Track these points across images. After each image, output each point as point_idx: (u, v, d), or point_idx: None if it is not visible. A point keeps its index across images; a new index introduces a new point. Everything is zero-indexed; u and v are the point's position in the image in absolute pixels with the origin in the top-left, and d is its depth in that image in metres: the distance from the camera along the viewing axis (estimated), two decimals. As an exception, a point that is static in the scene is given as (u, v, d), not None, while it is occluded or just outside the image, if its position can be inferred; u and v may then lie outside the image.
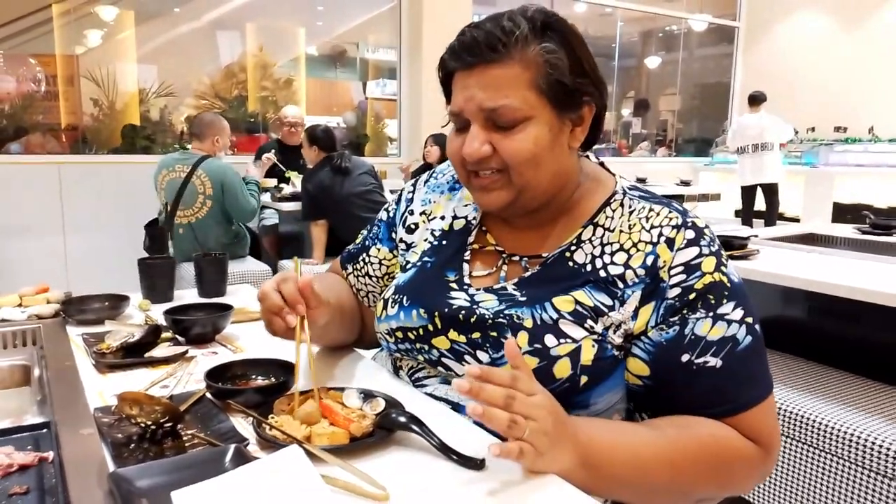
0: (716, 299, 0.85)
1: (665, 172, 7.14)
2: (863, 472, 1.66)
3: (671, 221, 0.88)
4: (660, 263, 0.86)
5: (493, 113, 0.85)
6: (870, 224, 2.86)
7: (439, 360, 0.95)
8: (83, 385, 1.01)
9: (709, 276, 0.86)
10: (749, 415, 0.84)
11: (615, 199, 0.94)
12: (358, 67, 7.42)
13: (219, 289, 1.60)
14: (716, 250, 0.88)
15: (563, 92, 0.86)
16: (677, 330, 0.85)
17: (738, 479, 0.86)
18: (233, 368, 1.00)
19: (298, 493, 0.66)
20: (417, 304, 0.96)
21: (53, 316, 1.37)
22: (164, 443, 0.81)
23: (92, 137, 5.32)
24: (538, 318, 0.87)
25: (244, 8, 6.18)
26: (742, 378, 0.85)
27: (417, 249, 1.04)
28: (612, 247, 0.90)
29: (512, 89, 0.84)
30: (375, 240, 1.13)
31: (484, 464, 0.76)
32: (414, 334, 0.96)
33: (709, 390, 0.85)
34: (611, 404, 0.90)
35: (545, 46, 0.84)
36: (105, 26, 5.57)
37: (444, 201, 1.07)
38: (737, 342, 0.85)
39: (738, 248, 2.19)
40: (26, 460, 0.78)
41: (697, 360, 0.84)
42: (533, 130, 0.85)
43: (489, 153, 0.87)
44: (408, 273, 1.03)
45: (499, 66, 0.84)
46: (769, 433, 0.86)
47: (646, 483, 0.81)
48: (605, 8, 7.85)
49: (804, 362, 2.14)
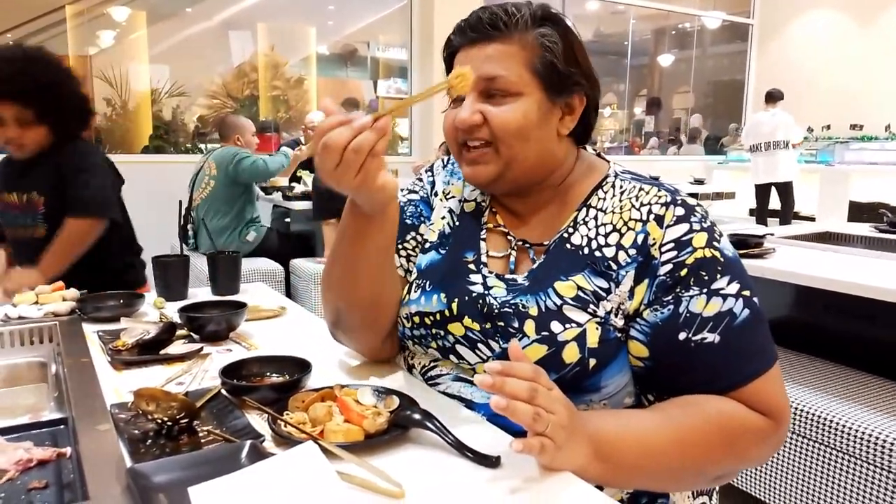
0: (709, 275, 0.85)
1: (679, 171, 7.10)
2: (881, 473, 1.64)
3: (660, 199, 0.89)
4: (650, 241, 0.87)
5: (489, 83, 0.89)
6: (887, 222, 2.82)
7: (453, 348, 0.95)
8: (99, 381, 1.01)
9: (700, 252, 0.86)
10: (753, 387, 0.84)
11: (607, 182, 0.96)
12: (369, 66, 7.43)
13: (232, 287, 1.61)
14: (707, 226, 0.88)
15: (555, 76, 0.90)
16: (672, 309, 0.85)
17: (751, 451, 0.85)
18: (248, 366, 1.01)
19: (314, 489, 0.66)
20: (438, 288, 0.98)
21: (69, 313, 1.38)
22: (181, 439, 0.82)
23: (105, 137, 5.37)
24: (542, 304, 0.88)
25: (255, 8, 6.22)
26: (742, 352, 0.84)
27: (435, 228, 1.06)
28: (605, 227, 0.91)
29: (509, 64, 0.89)
30: (421, 217, 1.10)
31: (499, 461, 0.75)
32: (431, 319, 0.97)
33: (710, 366, 0.84)
34: (620, 387, 0.90)
35: (542, 32, 0.91)
36: (117, 27, 5.62)
37: (461, 185, 1.09)
38: (734, 316, 0.84)
39: (753, 247, 2.17)
40: (45, 455, 0.78)
41: (695, 338, 0.84)
42: (522, 106, 0.90)
43: (479, 121, 0.90)
44: (428, 255, 1.04)
45: (499, 42, 0.90)
46: (777, 403, 0.85)
47: (657, 467, 0.80)
48: (617, 6, 7.81)
49: (821, 362, 2.12)
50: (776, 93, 6.17)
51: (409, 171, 5.44)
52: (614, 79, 8.79)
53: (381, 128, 0.78)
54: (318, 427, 0.81)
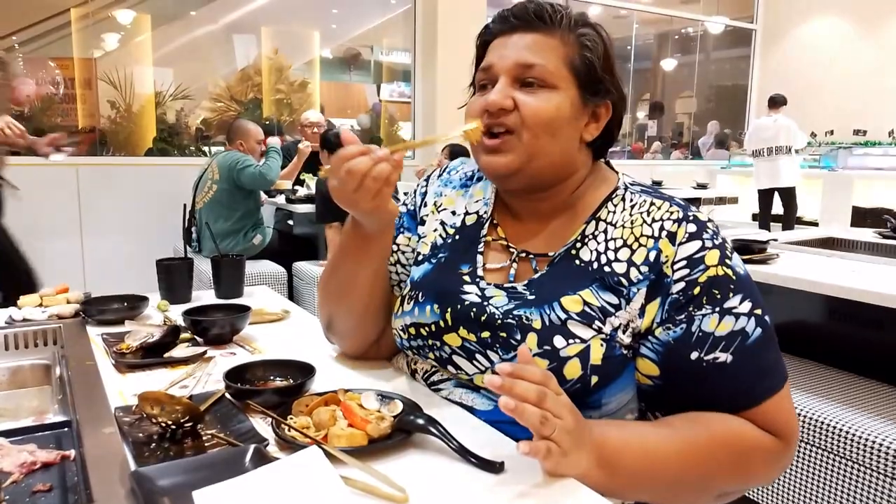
0: (721, 293, 0.85)
1: (682, 175, 7.09)
2: (884, 479, 1.63)
3: (672, 215, 0.89)
4: (662, 258, 0.86)
5: (527, 70, 0.89)
6: (890, 228, 2.82)
7: (450, 358, 0.95)
8: (103, 384, 1.02)
9: (713, 269, 0.85)
10: (764, 407, 0.84)
11: (617, 195, 0.95)
12: (372, 70, 7.44)
13: (236, 290, 1.61)
14: (719, 243, 0.87)
15: (591, 77, 0.91)
16: (684, 328, 0.85)
17: (757, 470, 0.85)
18: (251, 369, 1.01)
19: (318, 493, 0.66)
20: (431, 299, 0.97)
21: (73, 316, 1.38)
22: (185, 442, 0.82)
23: (109, 139, 5.38)
24: (547, 318, 0.87)
25: (259, 11, 6.23)
26: (754, 371, 0.84)
27: (427, 241, 1.05)
28: (615, 242, 0.90)
29: (548, 55, 0.89)
30: (402, 229, 1.12)
31: (503, 467, 0.75)
32: (426, 330, 0.97)
33: (721, 386, 0.84)
34: (622, 404, 0.90)
35: (584, 32, 0.91)
36: (122, 30, 5.64)
37: (456, 196, 1.07)
38: (746, 335, 0.84)
39: (757, 252, 2.17)
40: (49, 458, 0.78)
41: (707, 357, 0.84)
42: (557, 98, 0.89)
43: (511, 106, 0.89)
44: (421, 267, 1.03)
45: (541, 33, 0.90)
46: (786, 423, 0.85)
47: (660, 479, 0.80)
48: (620, 10, 7.82)
49: (824, 368, 2.11)
50: (779, 98, 6.16)
51: (412, 176, 5.44)
52: (617, 83, 8.81)
53: (397, 161, 0.86)
54: (322, 431, 0.81)
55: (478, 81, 0.95)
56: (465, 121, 0.97)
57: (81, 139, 5.13)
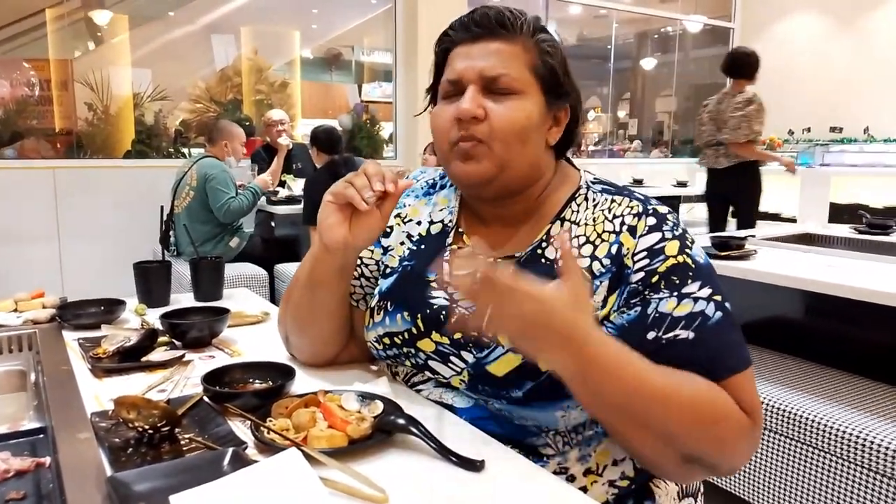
0: (680, 280, 0.85)
1: (662, 173, 7.14)
2: (861, 470, 1.66)
3: (632, 210, 0.90)
4: (623, 251, 0.87)
5: (493, 81, 0.89)
6: (866, 224, 2.87)
7: (426, 364, 0.96)
8: (80, 390, 1.00)
9: (672, 259, 0.86)
10: (730, 383, 0.81)
11: (580, 194, 0.96)
12: (353, 70, 7.42)
13: (215, 292, 1.60)
14: (679, 234, 0.88)
15: (554, 81, 0.92)
16: (639, 311, 0.85)
17: (730, 440, 0.81)
18: (230, 372, 1.00)
19: (297, 495, 0.66)
20: (401, 307, 0.98)
21: (49, 321, 1.36)
22: (162, 447, 0.81)
23: (87, 142, 5.31)
24: None
25: (239, 12, 6.18)
26: (718, 349, 0.83)
27: (395, 253, 1.05)
28: (578, 240, 0.91)
29: (513, 63, 0.90)
30: None
31: (483, 465, 0.76)
32: (400, 339, 0.97)
33: (684, 361, 0.81)
34: None
35: (543, 38, 0.92)
36: (99, 31, 5.56)
37: (419, 206, 1.07)
38: (707, 317, 0.84)
39: (735, 249, 2.19)
40: (23, 466, 0.77)
41: (666, 335, 0.83)
42: (526, 105, 0.90)
43: (482, 115, 0.89)
44: (389, 279, 1.03)
45: (504, 41, 0.90)
46: (753, 403, 0.83)
47: (636, 402, 0.76)
48: (599, 10, 7.87)
49: (802, 362, 2.14)
50: None
51: (395, 176, 5.42)
52: (598, 82, 8.84)
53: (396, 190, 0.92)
54: (302, 433, 0.80)
55: (442, 90, 0.94)
56: (431, 131, 0.96)
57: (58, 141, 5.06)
